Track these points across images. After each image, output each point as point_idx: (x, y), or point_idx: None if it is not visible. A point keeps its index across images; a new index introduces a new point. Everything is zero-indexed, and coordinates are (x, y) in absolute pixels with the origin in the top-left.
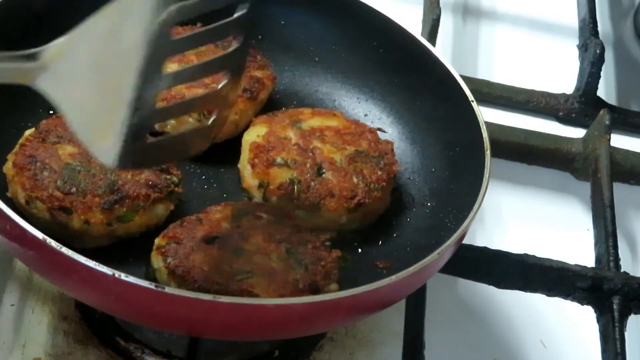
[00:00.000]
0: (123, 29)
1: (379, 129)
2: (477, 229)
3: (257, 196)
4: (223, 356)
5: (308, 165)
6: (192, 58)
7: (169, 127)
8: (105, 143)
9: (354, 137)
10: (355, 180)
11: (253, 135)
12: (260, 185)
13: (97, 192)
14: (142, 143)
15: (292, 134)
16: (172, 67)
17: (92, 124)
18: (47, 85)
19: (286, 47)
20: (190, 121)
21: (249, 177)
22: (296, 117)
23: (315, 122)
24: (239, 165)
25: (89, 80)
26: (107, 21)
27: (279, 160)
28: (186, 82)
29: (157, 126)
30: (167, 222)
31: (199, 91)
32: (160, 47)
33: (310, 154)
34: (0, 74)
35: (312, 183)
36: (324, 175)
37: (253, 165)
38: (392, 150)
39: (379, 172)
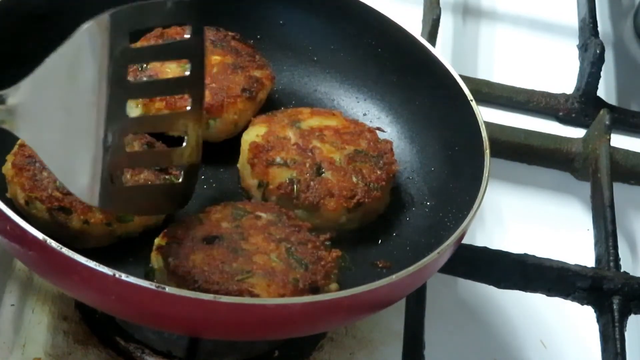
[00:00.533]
0: (79, 66)
1: (378, 129)
2: (477, 228)
3: (257, 196)
4: (223, 356)
5: (307, 165)
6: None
7: None
8: (82, 182)
9: (353, 137)
10: (354, 179)
11: (252, 135)
12: (259, 185)
13: None
14: (121, 185)
15: (291, 134)
16: (170, 66)
17: (66, 163)
18: (18, 128)
19: (285, 47)
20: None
21: (248, 177)
22: (295, 117)
23: (315, 121)
24: (239, 165)
25: (55, 120)
26: (64, 60)
27: (278, 160)
28: (148, 129)
29: None
30: (167, 222)
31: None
32: (119, 89)
33: (310, 154)
34: None
35: (312, 183)
36: (323, 174)
37: (252, 165)
38: (392, 149)
39: (378, 172)
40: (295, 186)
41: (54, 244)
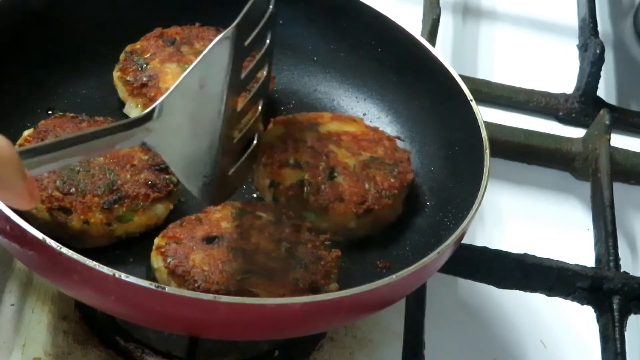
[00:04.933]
0: (209, 78)
1: (398, 138)
2: (477, 228)
3: (268, 196)
4: (223, 356)
5: (321, 167)
6: (191, 58)
7: None
8: (200, 184)
9: (371, 144)
10: (366, 186)
11: (270, 135)
12: (270, 185)
13: (97, 192)
14: (226, 177)
15: (308, 137)
16: (170, 66)
17: (190, 168)
18: (153, 142)
19: (285, 47)
20: None
21: (261, 176)
22: (315, 121)
23: (334, 126)
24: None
25: (186, 130)
26: (196, 75)
27: (291, 161)
28: (245, 113)
29: None
30: (167, 222)
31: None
32: (234, 91)
33: (324, 157)
34: (115, 141)
35: (323, 186)
36: (335, 179)
37: (265, 165)
38: (408, 159)
39: (392, 180)
40: (305, 188)
41: (53, 243)
